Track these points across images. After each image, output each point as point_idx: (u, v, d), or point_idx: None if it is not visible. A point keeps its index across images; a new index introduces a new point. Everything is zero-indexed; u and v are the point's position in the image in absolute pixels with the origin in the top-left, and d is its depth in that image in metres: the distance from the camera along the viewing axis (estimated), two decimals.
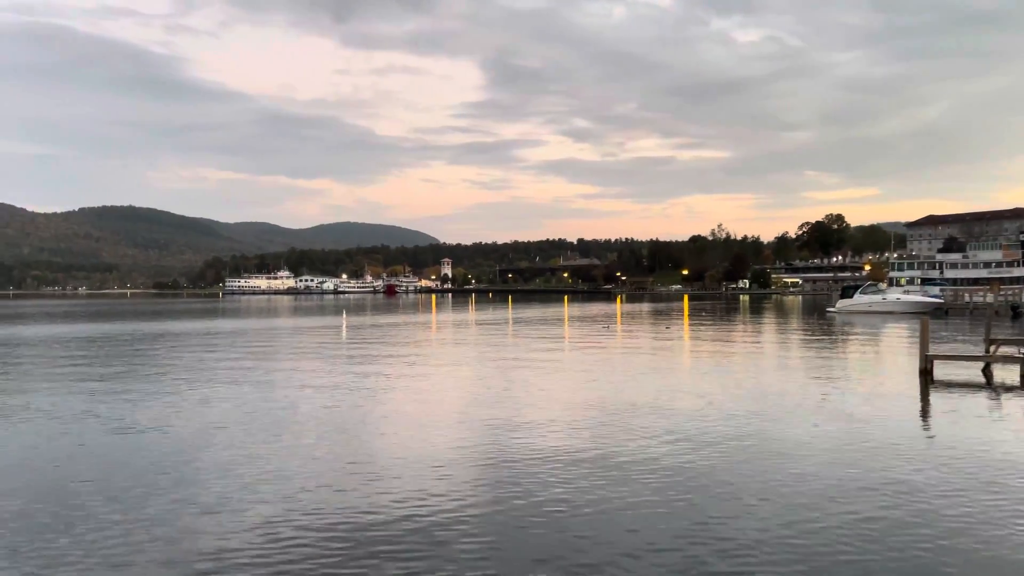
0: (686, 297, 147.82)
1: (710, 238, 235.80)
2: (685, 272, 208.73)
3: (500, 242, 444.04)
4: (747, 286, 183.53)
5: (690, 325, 53.30)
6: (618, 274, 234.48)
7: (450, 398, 19.45)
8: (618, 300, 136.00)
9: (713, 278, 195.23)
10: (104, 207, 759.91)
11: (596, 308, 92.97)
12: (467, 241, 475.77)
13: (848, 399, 18.74)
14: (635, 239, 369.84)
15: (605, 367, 26.38)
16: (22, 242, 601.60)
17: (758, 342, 38.95)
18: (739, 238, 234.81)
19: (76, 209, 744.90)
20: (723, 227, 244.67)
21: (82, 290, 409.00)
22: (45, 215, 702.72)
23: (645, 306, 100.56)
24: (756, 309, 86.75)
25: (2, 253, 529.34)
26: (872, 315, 62.45)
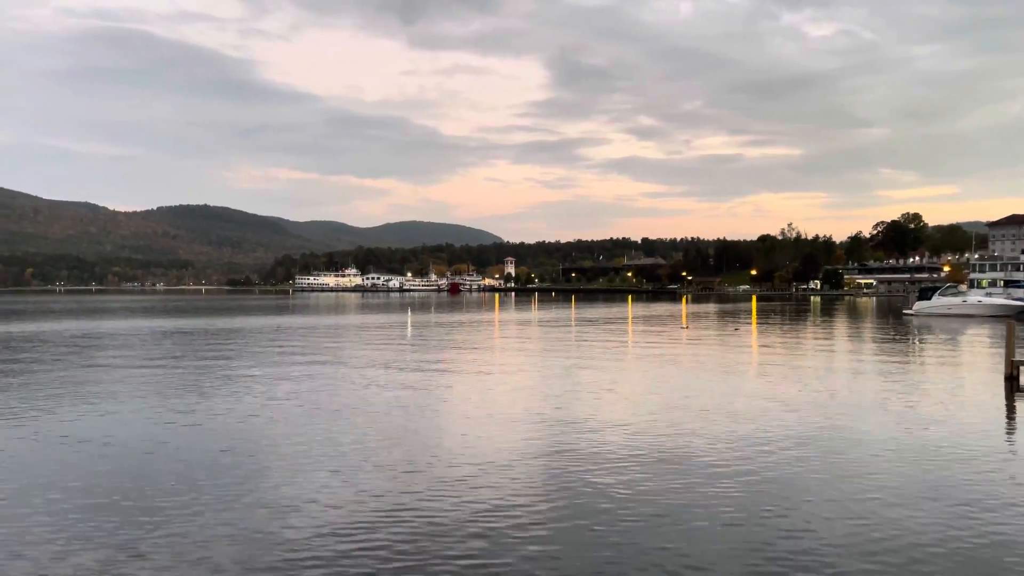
0: (754, 297, 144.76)
1: (779, 237, 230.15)
2: (753, 272, 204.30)
3: (563, 241, 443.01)
4: (818, 287, 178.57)
5: (759, 326, 52.13)
6: (684, 274, 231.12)
7: (513, 398, 19.47)
8: (684, 300, 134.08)
9: (782, 278, 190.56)
10: (181, 206, 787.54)
11: (662, 308, 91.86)
12: (530, 240, 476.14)
13: (927, 406, 18.01)
14: (701, 238, 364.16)
15: (671, 368, 26.01)
16: (104, 240, 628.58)
17: (831, 345, 37.84)
18: (810, 237, 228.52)
19: (154, 208, 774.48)
20: (793, 226, 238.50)
21: (160, 286, 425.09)
22: (126, 214, 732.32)
23: (711, 306, 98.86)
24: (827, 310, 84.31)
25: (86, 250, 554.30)
26: (952, 318, 59.97)
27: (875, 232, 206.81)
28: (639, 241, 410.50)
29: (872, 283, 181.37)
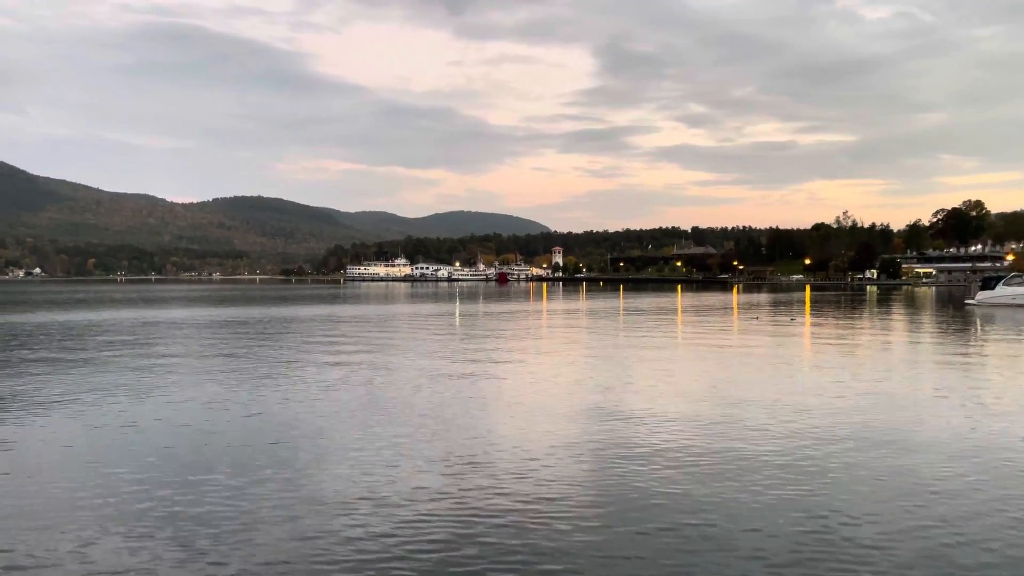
0: (808, 287, 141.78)
1: (835, 226, 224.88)
2: (807, 261, 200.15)
3: (611, 230, 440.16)
4: (875, 276, 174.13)
5: (813, 317, 50.94)
6: (735, 263, 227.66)
7: (563, 389, 19.33)
8: (735, 290, 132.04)
9: (838, 268, 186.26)
10: (236, 197, 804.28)
11: (713, 298, 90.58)
12: (578, 229, 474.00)
13: (993, 401, 17.32)
14: (753, 227, 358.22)
15: (723, 359, 25.56)
16: (163, 230, 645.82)
17: (888, 336, 36.77)
18: (866, 226, 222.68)
19: (210, 199, 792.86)
20: (849, 214, 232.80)
21: (216, 276, 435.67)
22: (183, 205, 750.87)
23: (763, 296, 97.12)
24: (885, 300, 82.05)
25: (145, 241, 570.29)
26: (1017, 308, 57.77)
27: (935, 220, 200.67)
28: (689, 230, 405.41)
29: (932, 272, 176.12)
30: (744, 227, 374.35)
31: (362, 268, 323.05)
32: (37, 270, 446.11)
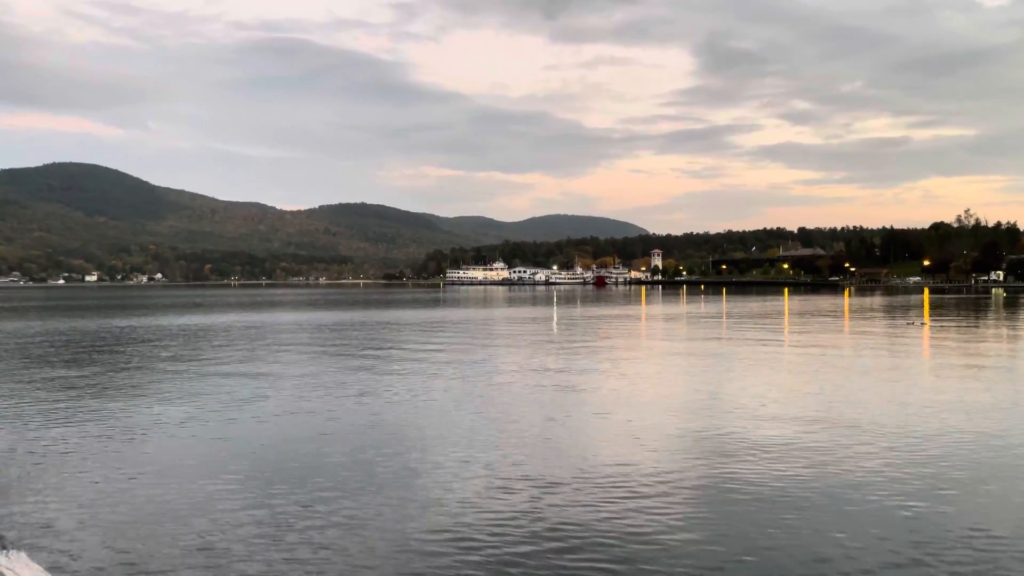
0: (926, 290, 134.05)
1: (955, 225, 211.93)
2: (925, 263, 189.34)
3: (712, 232, 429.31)
4: (1000, 278, 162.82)
5: (932, 321, 47.85)
6: (846, 264, 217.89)
7: (660, 396, 18.74)
8: (846, 292, 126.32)
9: (959, 269, 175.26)
10: (340, 204, 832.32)
11: (824, 301, 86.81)
12: (677, 232, 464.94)
13: None
14: (864, 227, 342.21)
15: (833, 367, 24.21)
16: (272, 237, 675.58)
17: (1017, 343, 34.07)
18: (991, 225, 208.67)
19: (317, 206, 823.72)
20: (971, 212, 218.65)
21: (322, 280, 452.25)
22: (291, 212, 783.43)
23: (878, 299, 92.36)
24: (1013, 304, 76.44)
25: (256, 247, 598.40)
26: None
27: None
28: (795, 231, 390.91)
29: None
30: (855, 227, 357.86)
31: (460, 272, 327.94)
32: (159, 276, 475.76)
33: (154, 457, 12.58)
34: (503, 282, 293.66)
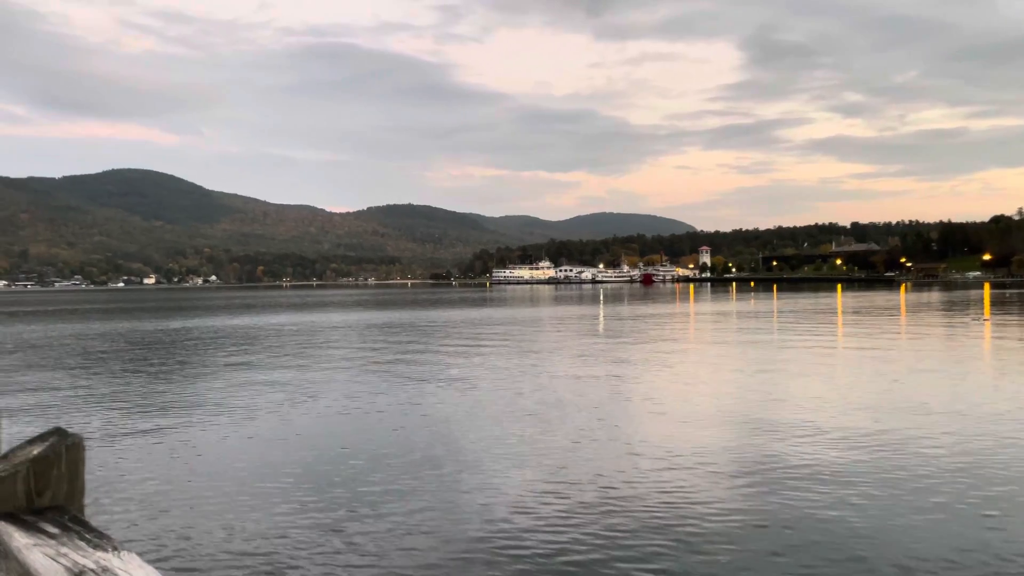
0: (987, 285, 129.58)
1: (1016, 217, 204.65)
2: (986, 257, 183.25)
3: (762, 228, 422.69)
4: None
5: (994, 317, 46.11)
6: (902, 260, 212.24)
7: (710, 396, 18.37)
8: (902, 288, 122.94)
9: (1022, 264, 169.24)
10: (388, 205, 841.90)
11: (880, 298, 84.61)
12: (725, 228, 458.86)
13: None
14: (920, 221, 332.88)
15: (890, 367, 23.47)
16: (323, 239, 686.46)
17: None
18: None
19: (365, 208, 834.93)
20: None
21: (371, 281, 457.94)
22: (340, 214, 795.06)
23: (935, 295, 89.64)
24: None
25: (307, 249, 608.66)
26: None
27: None
28: (848, 226, 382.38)
29: None
30: (910, 221, 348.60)
31: (507, 271, 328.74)
32: (213, 277, 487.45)
33: (208, 458, 12.77)
34: (549, 281, 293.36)
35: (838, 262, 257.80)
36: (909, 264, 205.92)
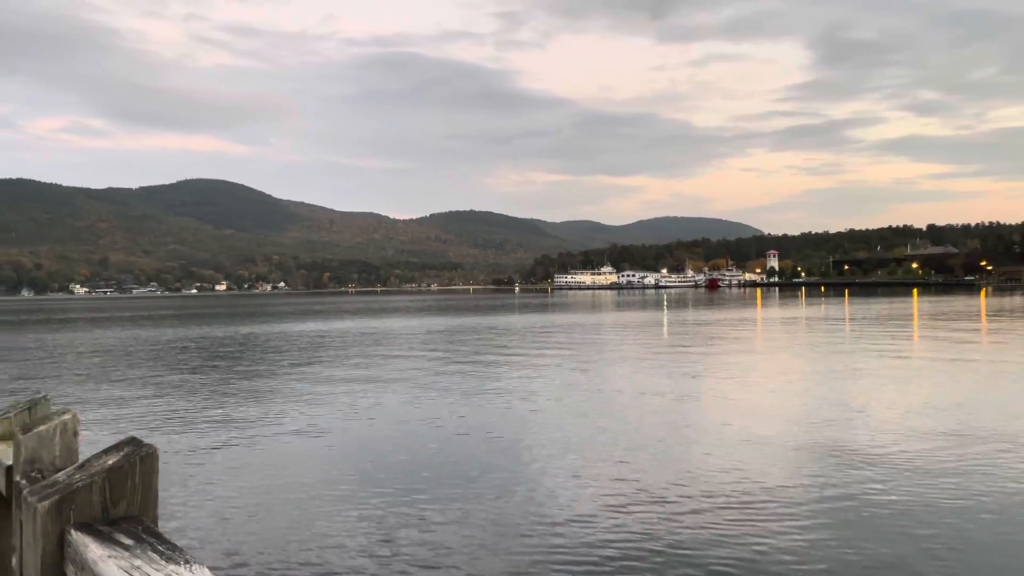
0: None
1: None
2: None
3: (832, 231, 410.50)
4: None
5: None
6: (982, 263, 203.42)
7: (778, 407, 17.71)
8: (983, 293, 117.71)
9: None
10: (450, 212, 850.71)
11: (958, 302, 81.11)
12: (793, 231, 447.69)
13: None
14: (1002, 223, 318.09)
15: (970, 377, 22.29)
16: (387, 245, 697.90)
17: None
18: None
19: (427, 215, 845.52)
20: None
21: (434, 286, 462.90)
22: (404, 221, 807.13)
23: (1019, 300, 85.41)
24: None
25: (372, 255, 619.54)
26: None
27: None
28: (923, 228, 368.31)
29: None
30: (991, 223, 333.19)
31: (568, 277, 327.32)
32: (282, 284, 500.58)
33: (273, 464, 12.87)
34: (611, 286, 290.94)
35: (914, 265, 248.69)
36: (990, 267, 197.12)
